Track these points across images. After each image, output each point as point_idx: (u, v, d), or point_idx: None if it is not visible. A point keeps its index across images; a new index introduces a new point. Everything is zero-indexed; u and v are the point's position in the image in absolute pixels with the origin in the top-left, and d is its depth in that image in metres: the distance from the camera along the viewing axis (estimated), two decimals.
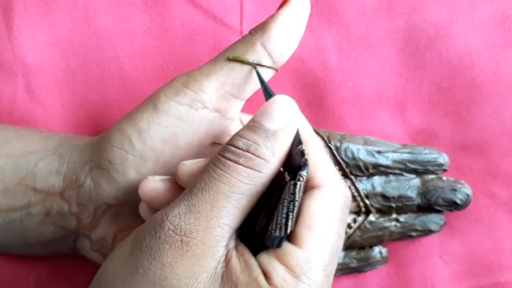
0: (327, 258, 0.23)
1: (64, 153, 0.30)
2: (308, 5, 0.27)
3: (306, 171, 0.22)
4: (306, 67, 0.36)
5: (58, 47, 0.36)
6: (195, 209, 0.22)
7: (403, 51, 0.36)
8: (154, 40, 0.36)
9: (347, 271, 0.34)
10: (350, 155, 0.33)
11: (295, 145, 0.23)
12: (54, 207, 0.29)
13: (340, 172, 0.33)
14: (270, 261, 0.22)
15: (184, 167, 0.25)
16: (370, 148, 0.34)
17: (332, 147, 0.33)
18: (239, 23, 0.36)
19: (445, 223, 0.35)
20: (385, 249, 0.35)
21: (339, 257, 0.33)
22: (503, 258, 0.35)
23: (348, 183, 0.33)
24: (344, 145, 0.34)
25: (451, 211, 0.34)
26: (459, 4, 0.36)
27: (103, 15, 0.36)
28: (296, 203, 0.22)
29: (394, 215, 0.34)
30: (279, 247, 0.23)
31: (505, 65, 0.36)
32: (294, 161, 0.23)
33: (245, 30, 0.36)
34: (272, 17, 0.27)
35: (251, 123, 0.23)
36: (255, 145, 0.23)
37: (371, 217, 0.34)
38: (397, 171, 0.34)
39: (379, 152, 0.34)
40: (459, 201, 0.33)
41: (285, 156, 0.23)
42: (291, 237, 0.23)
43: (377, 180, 0.34)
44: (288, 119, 0.23)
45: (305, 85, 0.36)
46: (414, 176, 0.34)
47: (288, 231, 0.22)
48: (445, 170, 0.34)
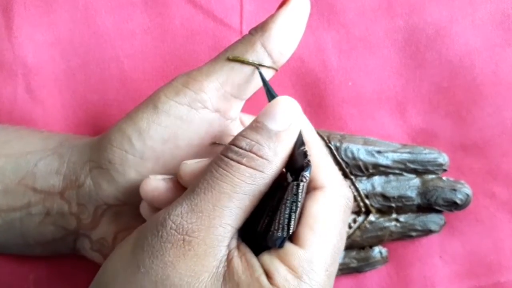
0: (329, 258, 0.23)
1: (64, 153, 0.30)
2: (308, 5, 0.27)
3: (308, 172, 0.22)
4: (306, 67, 0.36)
5: (58, 47, 0.36)
6: (198, 209, 0.22)
7: (403, 51, 0.36)
8: (154, 40, 0.36)
9: (347, 271, 0.34)
10: (350, 155, 0.33)
11: (298, 146, 0.23)
12: (54, 207, 0.29)
13: (340, 172, 0.33)
14: (272, 261, 0.22)
15: (186, 167, 0.25)
16: (370, 148, 0.34)
17: (332, 147, 0.33)
18: (239, 23, 0.36)
19: (445, 223, 0.35)
20: (385, 249, 0.35)
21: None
22: (503, 258, 0.35)
23: (348, 183, 0.33)
24: (344, 145, 0.34)
25: (451, 211, 0.34)
26: (459, 4, 0.36)
27: (103, 15, 0.36)
28: (298, 204, 0.22)
29: (394, 215, 0.34)
30: (281, 247, 0.22)
31: (505, 65, 0.36)
32: (296, 162, 0.23)
33: (245, 30, 0.36)
34: (272, 17, 0.27)
35: (254, 124, 0.23)
36: (258, 145, 0.23)
37: (371, 217, 0.34)
38: (397, 171, 0.34)
39: (379, 152, 0.34)
40: (459, 201, 0.33)
41: (287, 157, 0.23)
42: (293, 238, 0.23)
43: (377, 180, 0.34)
44: (291, 120, 0.23)
45: (305, 85, 0.36)
46: (414, 176, 0.34)
47: (290, 231, 0.22)
48: (445, 170, 0.34)
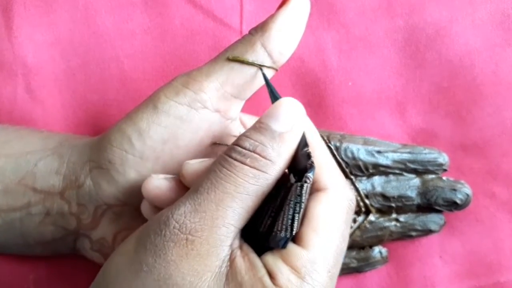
0: (332, 260, 0.23)
1: (64, 153, 0.30)
2: (308, 5, 0.27)
3: (312, 173, 0.22)
4: (306, 67, 0.36)
5: (58, 47, 0.36)
6: (201, 208, 0.22)
7: (403, 51, 0.36)
8: (154, 40, 0.36)
9: (347, 271, 0.34)
10: (350, 155, 0.33)
11: (301, 147, 0.23)
12: (54, 207, 0.29)
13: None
14: (275, 261, 0.22)
15: (189, 167, 0.25)
16: (370, 148, 0.34)
17: (332, 147, 0.33)
18: (239, 23, 0.36)
19: (445, 223, 0.35)
20: (385, 249, 0.35)
21: None
22: (503, 258, 0.35)
23: (348, 183, 0.33)
24: (344, 145, 0.34)
25: (451, 211, 0.34)
26: (459, 4, 0.36)
27: (103, 15, 0.36)
28: (302, 205, 0.22)
29: (394, 215, 0.34)
30: (284, 248, 0.23)
31: (505, 65, 0.36)
32: (299, 163, 0.23)
33: (245, 30, 0.36)
34: (271, 17, 0.27)
35: (257, 124, 0.23)
36: (262, 146, 0.23)
37: (371, 217, 0.34)
38: (397, 171, 0.34)
39: (379, 152, 0.34)
40: (459, 201, 0.33)
41: (290, 158, 0.23)
42: (296, 239, 0.23)
43: (377, 180, 0.34)
44: (294, 121, 0.23)
45: (305, 85, 0.36)
46: (414, 176, 0.34)
47: (293, 232, 0.22)
48: (445, 170, 0.34)
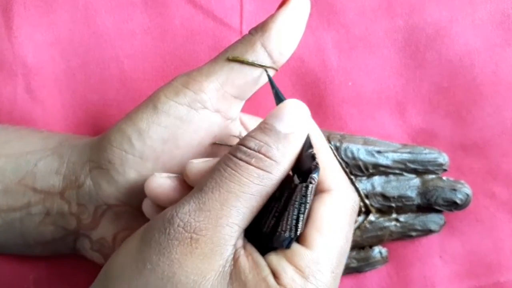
0: (335, 260, 0.23)
1: (64, 153, 0.30)
2: (308, 5, 0.27)
3: (317, 174, 0.22)
4: (306, 67, 0.36)
5: (58, 47, 0.36)
6: (205, 207, 0.22)
7: (403, 51, 0.36)
8: (154, 40, 0.36)
9: (347, 271, 0.34)
10: (350, 155, 0.33)
11: (306, 148, 0.23)
12: (54, 207, 0.29)
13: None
14: (279, 261, 0.22)
15: (193, 166, 0.25)
16: (370, 148, 0.34)
17: (332, 147, 0.33)
18: (239, 23, 0.36)
19: (445, 223, 0.35)
20: (385, 249, 0.35)
21: None
22: (503, 258, 0.35)
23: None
24: (344, 145, 0.34)
25: (451, 211, 0.34)
26: (459, 4, 0.36)
27: (103, 15, 0.36)
28: (307, 206, 0.22)
29: (394, 215, 0.34)
30: (288, 248, 0.23)
31: (505, 65, 0.36)
32: (303, 164, 0.23)
33: (245, 30, 0.36)
34: (271, 17, 0.27)
35: (262, 125, 0.24)
36: (267, 146, 0.23)
37: (371, 217, 0.34)
38: (397, 171, 0.34)
39: (379, 152, 0.34)
40: (459, 201, 0.33)
41: (295, 159, 0.24)
42: (300, 239, 0.23)
43: (377, 180, 0.34)
44: (299, 122, 0.23)
45: (305, 85, 0.36)
46: (414, 176, 0.34)
47: (298, 232, 0.22)
48: (445, 170, 0.34)
